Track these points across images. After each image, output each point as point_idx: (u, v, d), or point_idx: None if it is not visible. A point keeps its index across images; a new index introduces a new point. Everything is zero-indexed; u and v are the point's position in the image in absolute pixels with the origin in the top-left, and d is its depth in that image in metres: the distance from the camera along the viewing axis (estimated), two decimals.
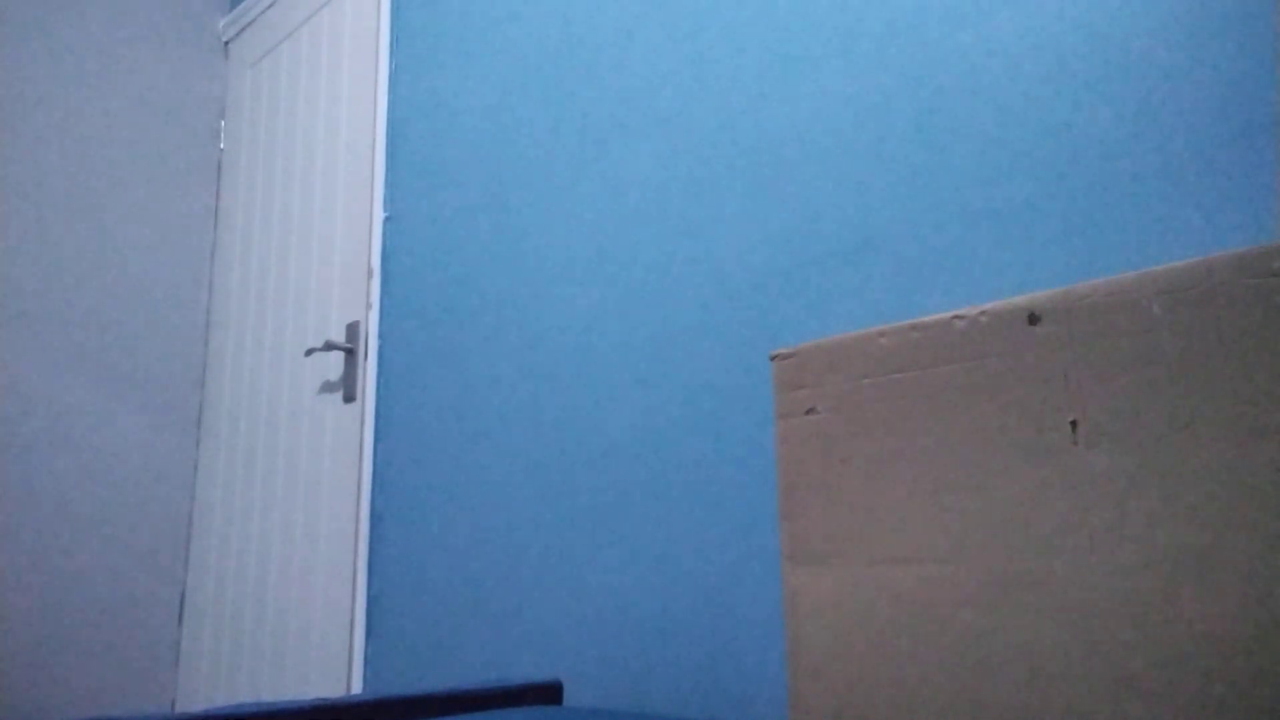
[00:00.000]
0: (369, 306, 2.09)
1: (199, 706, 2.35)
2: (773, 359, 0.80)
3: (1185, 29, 1.04)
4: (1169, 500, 0.60)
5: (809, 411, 0.77)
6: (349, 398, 2.10)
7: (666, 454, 1.45)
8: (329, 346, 2.12)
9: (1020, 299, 0.68)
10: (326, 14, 2.44)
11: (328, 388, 2.17)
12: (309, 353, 2.17)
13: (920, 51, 1.26)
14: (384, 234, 2.11)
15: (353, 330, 2.12)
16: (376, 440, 2.02)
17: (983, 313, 0.69)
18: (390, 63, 2.19)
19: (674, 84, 1.56)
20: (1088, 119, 1.10)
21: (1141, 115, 1.06)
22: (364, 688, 1.91)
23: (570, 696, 1.50)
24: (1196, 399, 0.60)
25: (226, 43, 2.84)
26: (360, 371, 2.08)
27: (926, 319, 0.72)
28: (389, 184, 2.12)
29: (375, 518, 1.98)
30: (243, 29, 2.78)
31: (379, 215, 2.12)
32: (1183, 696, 0.57)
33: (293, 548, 2.17)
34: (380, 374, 2.05)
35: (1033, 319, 0.67)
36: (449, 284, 1.92)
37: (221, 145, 2.76)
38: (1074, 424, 0.64)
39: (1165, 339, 0.62)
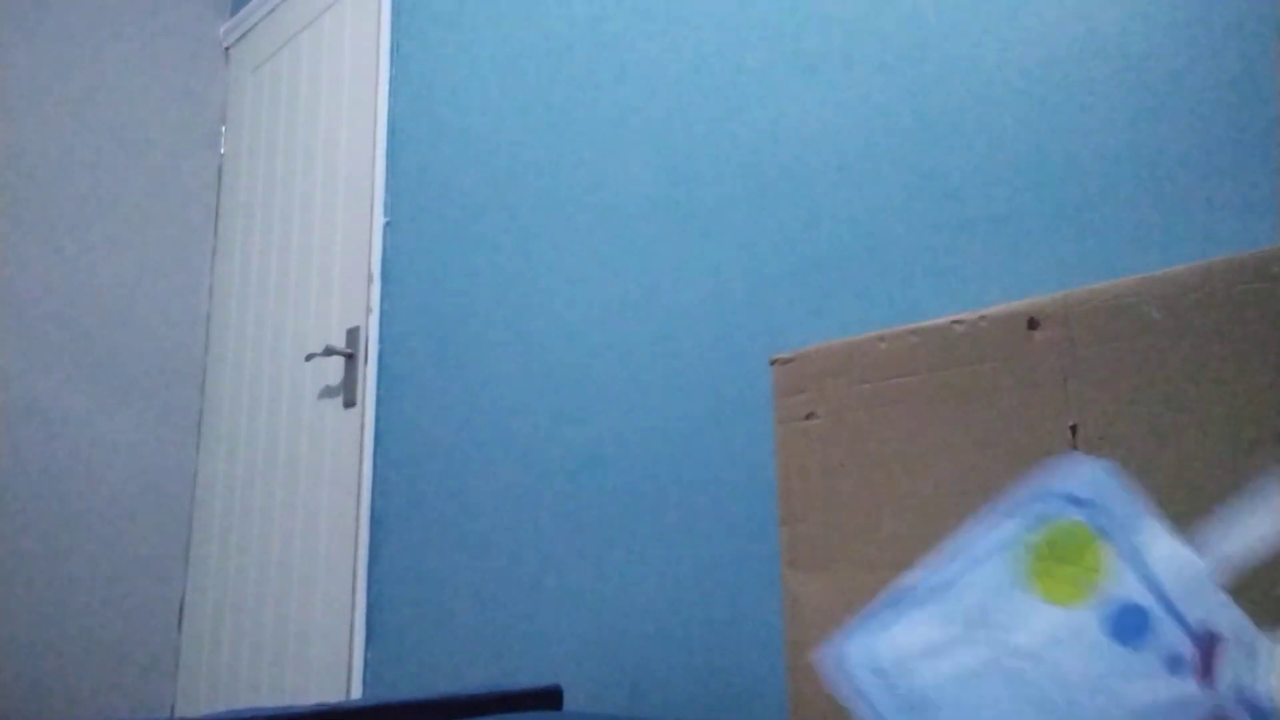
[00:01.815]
0: (369, 311, 2.09)
1: (198, 712, 2.34)
2: (772, 363, 0.80)
3: (1184, 33, 1.04)
4: (1168, 504, 0.60)
5: (809, 416, 0.77)
6: (349, 403, 2.10)
7: (666, 458, 1.45)
8: (329, 351, 2.12)
9: (1019, 304, 0.68)
10: (327, 20, 2.44)
11: (328, 393, 2.18)
12: (309, 358, 2.17)
13: (919, 57, 1.26)
14: (384, 239, 2.11)
15: (353, 335, 2.12)
16: (376, 445, 2.02)
17: (982, 317, 0.69)
18: (390, 68, 2.20)
19: (674, 89, 1.56)
20: (1087, 123, 1.10)
21: (1140, 119, 1.06)
22: (364, 693, 1.91)
23: (570, 701, 1.50)
24: (1196, 403, 0.60)
25: (227, 48, 2.84)
26: (360, 377, 2.08)
27: (926, 324, 0.72)
28: (389, 189, 2.13)
29: (375, 523, 1.98)
30: (243, 35, 2.78)
31: (379, 220, 2.12)
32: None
33: (293, 553, 2.17)
34: (380, 379, 2.05)
35: (1032, 324, 0.67)
36: (449, 289, 1.92)
37: (222, 150, 2.77)
38: (1073, 428, 0.64)
39: (1164, 343, 0.62)
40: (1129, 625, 0.43)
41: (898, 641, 0.47)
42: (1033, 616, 0.45)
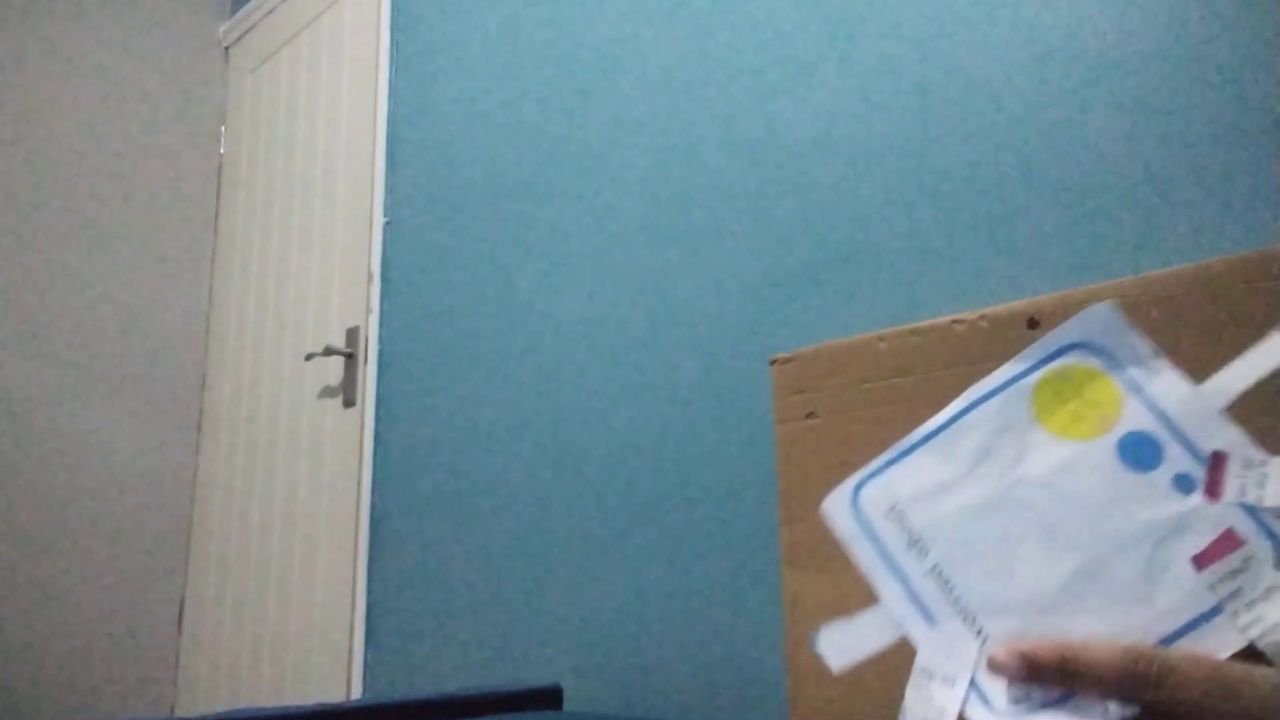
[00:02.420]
0: (369, 311, 2.09)
1: (198, 712, 2.34)
2: (772, 363, 0.80)
3: (1184, 32, 1.04)
4: None
5: (808, 416, 0.77)
6: (349, 403, 2.10)
7: (666, 458, 1.45)
8: (329, 351, 2.12)
9: (1020, 303, 0.68)
10: (326, 20, 2.44)
11: (328, 393, 2.17)
12: (309, 358, 2.17)
13: (919, 56, 1.26)
14: (384, 239, 2.11)
15: (352, 335, 2.12)
16: (376, 445, 2.02)
17: (982, 316, 0.69)
18: (390, 68, 2.19)
19: (673, 89, 1.56)
20: (1087, 122, 1.10)
21: (1140, 118, 1.06)
22: (364, 693, 1.91)
23: (570, 701, 1.50)
24: None
25: (227, 48, 2.84)
26: (360, 376, 2.08)
27: (926, 323, 0.72)
28: (389, 189, 2.13)
29: (375, 523, 1.98)
30: (243, 34, 2.78)
31: (379, 220, 2.12)
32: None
33: (292, 553, 2.17)
34: (380, 379, 2.05)
35: (1032, 323, 0.67)
36: (449, 289, 1.92)
37: (222, 150, 2.77)
38: None
39: (1164, 343, 0.62)
40: (1140, 453, 0.44)
41: (904, 482, 0.47)
42: (1041, 451, 0.45)
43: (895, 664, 0.70)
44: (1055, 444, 0.45)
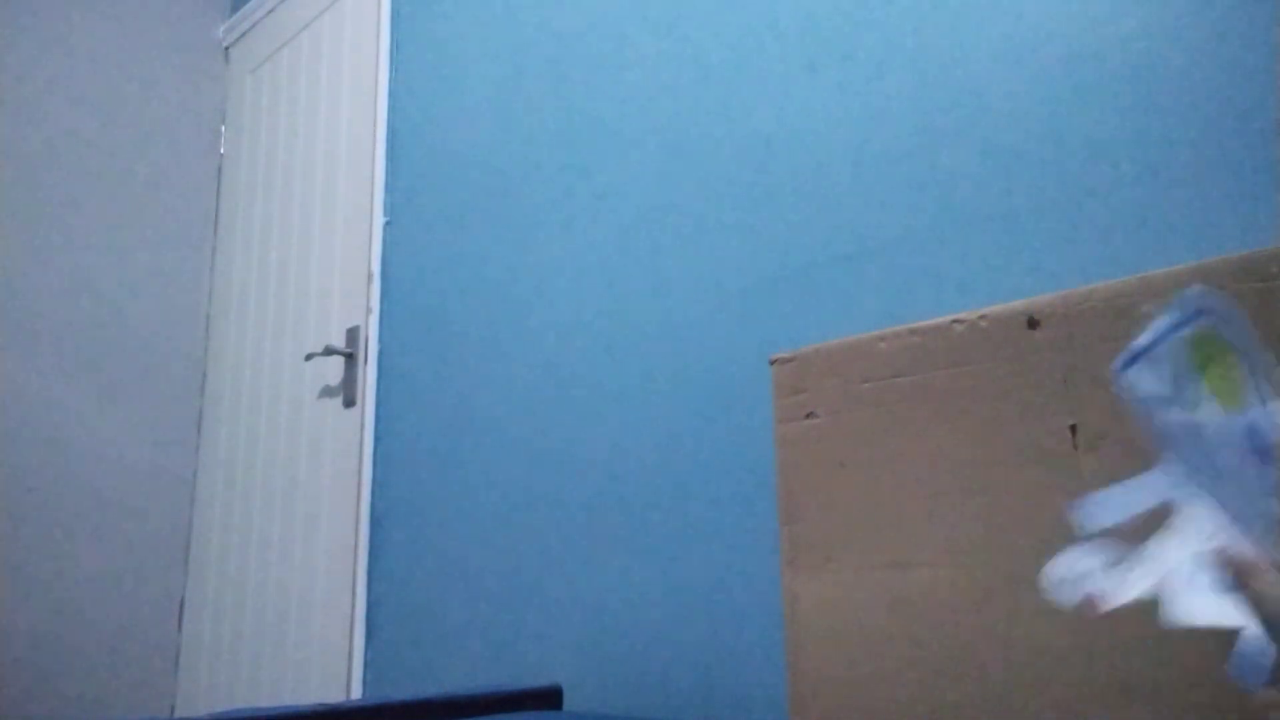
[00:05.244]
0: (369, 311, 2.09)
1: (198, 712, 2.34)
2: (772, 363, 0.80)
3: (1184, 32, 1.04)
4: None
5: (808, 416, 0.77)
6: (349, 403, 2.10)
7: (666, 458, 1.45)
8: (329, 351, 2.12)
9: (1019, 303, 0.68)
10: (327, 20, 2.44)
11: (328, 393, 2.18)
12: (309, 358, 2.17)
13: (918, 56, 1.26)
14: (384, 239, 2.11)
15: (353, 335, 2.12)
16: (376, 445, 2.02)
17: (982, 317, 0.69)
18: (390, 68, 2.20)
19: (672, 90, 1.56)
20: (1087, 122, 1.10)
21: (1140, 118, 1.06)
22: (364, 692, 1.91)
23: (570, 701, 1.50)
24: None
25: (227, 48, 2.84)
26: (360, 376, 2.08)
27: (925, 323, 0.72)
28: (389, 189, 2.13)
29: (375, 523, 1.98)
30: (243, 35, 2.78)
31: (379, 220, 2.12)
32: (1182, 698, 0.57)
33: (292, 553, 2.17)
34: (380, 379, 2.05)
35: (1032, 323, 0.67)
36: (449, 289, 1.92)
37: (222, 150, 2.77)
38: (1074, 428, 0.64)
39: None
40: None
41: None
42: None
43: (897, 666, 0.70)
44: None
